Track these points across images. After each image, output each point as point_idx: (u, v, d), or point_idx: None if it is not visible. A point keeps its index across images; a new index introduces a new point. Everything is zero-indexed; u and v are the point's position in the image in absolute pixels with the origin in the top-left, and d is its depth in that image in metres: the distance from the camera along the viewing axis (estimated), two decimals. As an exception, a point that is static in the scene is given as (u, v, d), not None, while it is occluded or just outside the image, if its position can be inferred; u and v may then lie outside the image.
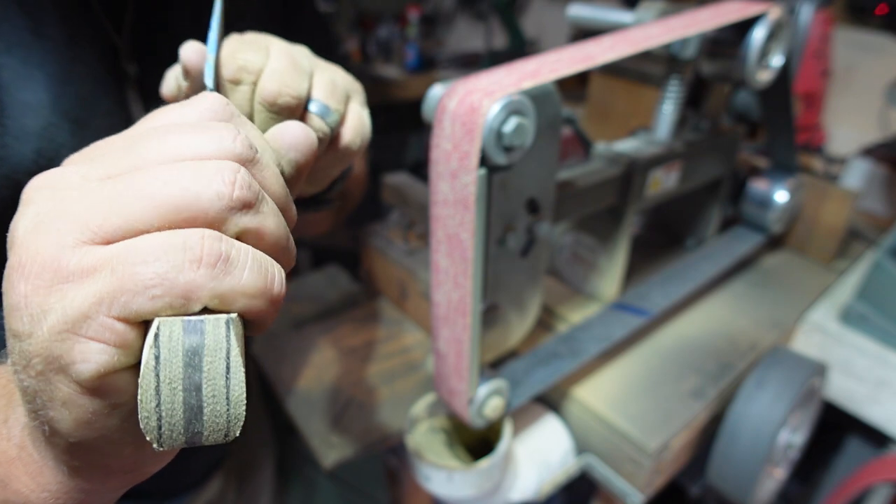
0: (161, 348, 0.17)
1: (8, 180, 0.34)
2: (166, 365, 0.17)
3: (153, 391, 0.17)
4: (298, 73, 0.31)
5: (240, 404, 0.18)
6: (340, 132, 0.34)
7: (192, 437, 0.18)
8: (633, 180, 0.55)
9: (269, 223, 0.20)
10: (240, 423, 0.18)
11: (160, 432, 0.17)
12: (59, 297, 0.17)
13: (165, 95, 0.34)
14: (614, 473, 0.53)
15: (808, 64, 1.01)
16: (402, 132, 2.08)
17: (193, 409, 0.17)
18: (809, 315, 0.68)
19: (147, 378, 0.17)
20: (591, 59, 0.39)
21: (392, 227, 0.78)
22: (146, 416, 0.17)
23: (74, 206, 0.18)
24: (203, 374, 0.17)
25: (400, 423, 0.59)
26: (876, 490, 0.70)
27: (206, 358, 0.17)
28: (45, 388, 0.18)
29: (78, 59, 0.37)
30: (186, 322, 0.17)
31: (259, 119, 0.32)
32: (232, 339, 0.18)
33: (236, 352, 0.18)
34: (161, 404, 0.17)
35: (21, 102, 0.34)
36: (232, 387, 0.18)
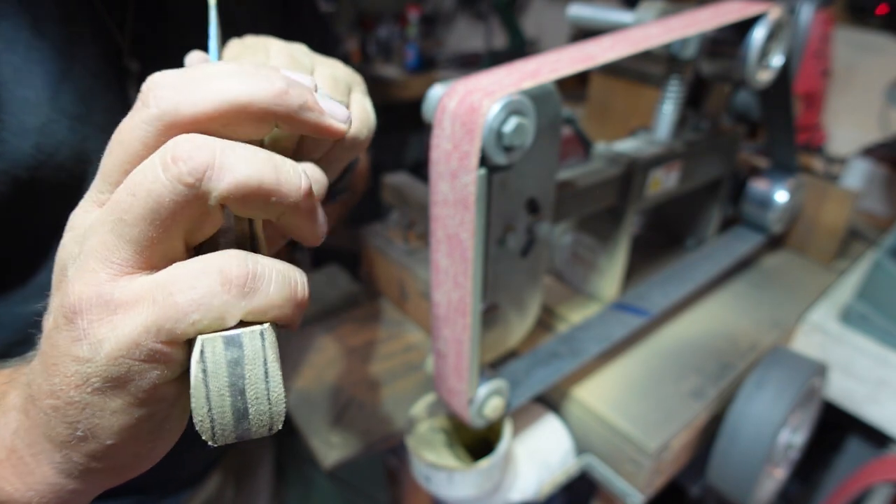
0: (207, 363, 0.19)
1: (7, 175, 0.34)
2: (213, 376, 0.19)
3: (204, 399, 0.19)
4: (301, 70, 0.32)
5: (280, 402, 0.20)
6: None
7: (241, 434, 0.20)
8: (633, 180, 0.55)
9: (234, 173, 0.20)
10: (282, 417, 0.21)
11: (213, 433, 0.20)
12: (110, 328, 0.19)
13: None
14: (614, 473, 0.53)
15: (809, 64, 1.01)
16: (402, 132, 2.08)
17: (240, 410, 0.20)
18: (809, 315, 0.68)
19: (198, 389, 0.19)
20: (591, 59, 0.39)
21: (392, 227, 0.78)
22: (200, 420, 0.20)
23: (89, 245, 0.20)
24: (245, 381, 0.20)
25: (400, 423, 0.59)
26: (876, 490, 0.70)
27: (246, 367, 0.20)
28: (100, 401, 0.20)
29: (78, 56, 0.37)
30: (226, 338, 0.20)
31: None
32: (267, 347, 0.20)
33: (272, 357, 0.20)
34: (212, 409, 0.20)
35: (21, 99, 0.34)
36: (272, 388, 0.20)
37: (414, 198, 0.72)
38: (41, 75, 0.35)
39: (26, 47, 0.35)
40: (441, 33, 2.50)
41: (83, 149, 0.37)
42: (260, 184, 0.20)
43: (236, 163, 0.19)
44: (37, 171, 0.35)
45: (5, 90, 0.34)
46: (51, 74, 0.36)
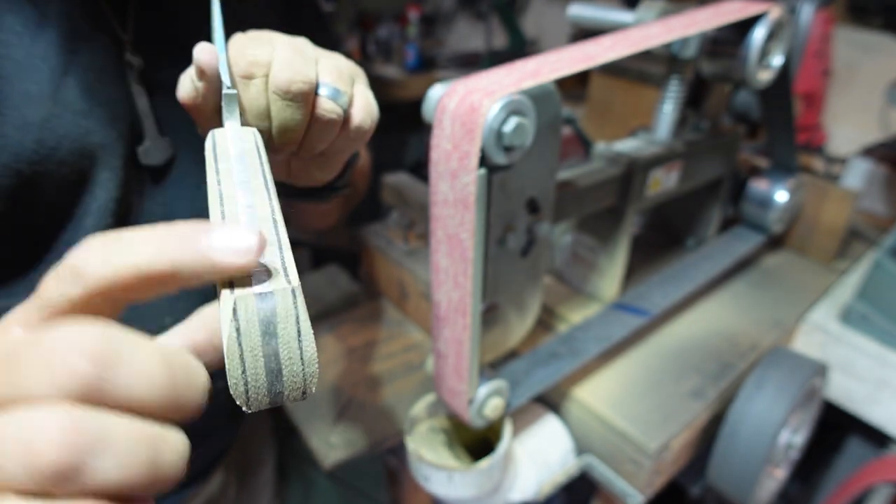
0: (240, 321, 0.19)
1: (9, 169, 0.34)
2: (246, 336, 0.19)
3: (238, 359, 0.19)
4: (305, 60, 0.33)
5: (313, 363, 0.20)
6: (351, 113, 0.35)
7: (275, 397, 0.20)
8: (633, 180, 0.55)
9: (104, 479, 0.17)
10: (315, 379, 0.20)
11: (248, 396, 0.19)
12: None
13: (183, 99, 0.35)
14: (614, 474, 0.53)
15: (809, 64, 1.01)
16: (402, 132, 2.08)
17: (274, 371, 0.19)
18: (810, 315, 0.68)
19: (231, 349, 0.19)
20: (591, 59, 0.39)
21: (392, 227, 0.78)
22: (234, 383, 0.19)
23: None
24: (279, 340, 0.19)
25: (400, 423, 0.59)
26: (876, 490, 0.70)
27: (279, 325, 0.19)
28: None
29: (81, 51, 0.37)
30: (259, 296, 0.19)
31: (276, 108, 0.33)
32: (300, 305, 0.19)
33: (305, 316, 0.20)
34: (246, 371, 0.19)
35: (23, 93, 0.34)
36: (305, 348, 0.20)
37: (414, 198, 0.72)
38: (44, 70, 0.35)
39: (29, 41, 0.35)
40: (441, 33, 2.50)
41: (85, 143, 0.37)
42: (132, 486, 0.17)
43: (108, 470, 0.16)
44: (38, 165, 0.35)
45: (7, 84, 0.34)
46: (53, 69, 0.36)
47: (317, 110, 0.34)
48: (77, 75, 0.37)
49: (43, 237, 0.38)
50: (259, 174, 0.26)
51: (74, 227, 0.39)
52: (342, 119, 0.35)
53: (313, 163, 0.39)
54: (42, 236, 0.38)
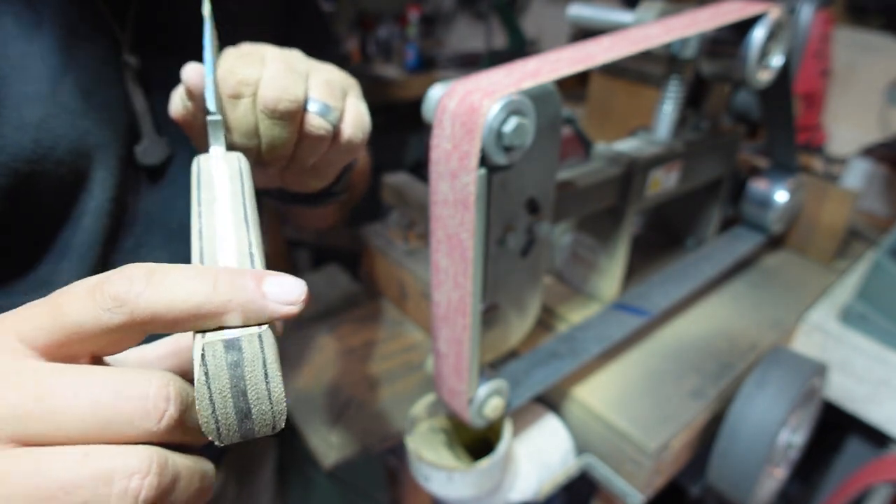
0: (208, 366, 0.20)
1: (7, 169, 0.34)
2: (214, 379, 0.20)
3: (208, 400, 0.20)
4: (295, 77, 0.32)
5: (281, 402, 0.21)
6: (341, 128, 0.35)
7: (246, 433, 0.21)
8: (633, 180, 0.55)
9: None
10: (283, 416, 0.21)
11: (219, 433, 0.20)
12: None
13: (175, 117, 0.35)
14: (614, 473, 0.53)
15: (808, 64, 1.01)
16: (402, 132, 2.08)
17: (243, 411, 0.20)
18: (809, 315, 0.68)
19: (201, 391, 0.20)
20: (591, 59, 0.39)
21: (392, 227, 0.78)
22: (206, 422, 0.20)
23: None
24: (246, 383, 0.20)
25: (400, 423, 0.59)
26: (876, 490, 0.70)
27: (246, 368, 0.20)
28: None
29: (78, 51, 0.37)
30: (226, 342, 0.20)
31: (264, 126, 0.33)
32: (266, 349, 0.20)
33: (272, 359, 0.20)
34: (216, 410, 0.20)
35: (20, 93, 0.34)
36: (272, 388, 0.20)
37: (414, 198, 0.72)
38: (41, 70, 0.35)
39: (27, 42, 0.35)
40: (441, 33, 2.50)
41: (82, 143, 0.38)
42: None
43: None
44: (36, 164, 0.35)
45: (4, 84, 0.34)
46: (51, 69, 0.36)
47: (305, 127, 0.34)
48: (74, 75, 0.37)
49: (41, 237, 0.38)
50: (240, 204, 0.26)
51: (72, 226, 0.39)
52: (332, 134, 0.35)
53: (307, 173, 0.39)
54: (40, 236, 0.38)
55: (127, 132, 0.41)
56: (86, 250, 0.39)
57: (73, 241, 0.39)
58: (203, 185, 0.27)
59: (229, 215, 0.25)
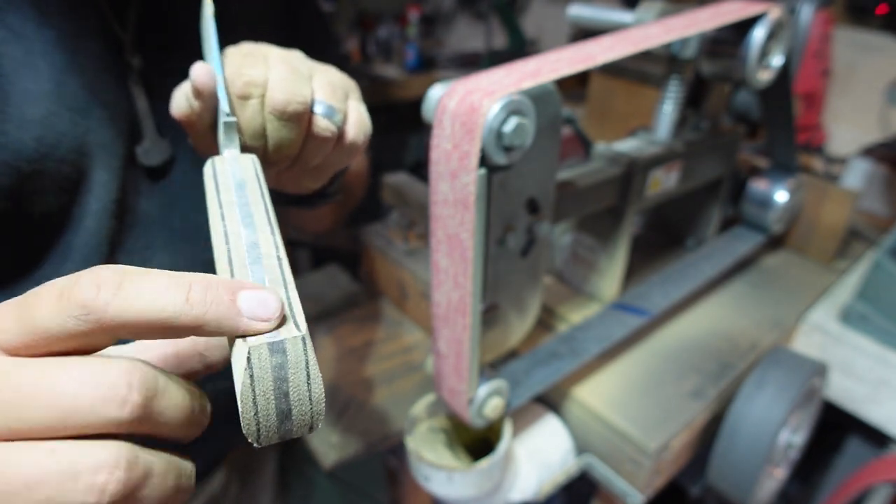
0: (254, 368, 0.20)
1: (8, 167, 0.34)
2: (259, 381, 0.20)
3: (251, 403, 0.20)
4: (300, 80, 0.33)
5: (320, 402, 0.21)
6: (345, 129, 0.36)
7: (284, 434, 0.21)
8: (633, 180, 0.55)
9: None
10: (322, 416, 0.22)
11: (259, 434, 0.21)
12: None
13: (177, 116, 0.35)
14: (614, 473, 0.53)
15: (808, 64, 1.01)
16: (402, 132, 2.08)
17: (284, 412, 0.21)
18: (809, 315, 0.68)
19: (245, 394, 0.20)
20: (591, 59, 0.39)
21: (392, 227, 0.78)
22: (247, 424, 0.20)
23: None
24: (289, 384, 0.20)
25: (400, 423, 0.59)
26: (876, 490, 0.70)
27: (290, 371, 0.20)
28: None
29: (81, 50, 0.37)
30: (271, 345, 0.20)
31: (272, 128, 0.33)
32: (308, 351, 0.21)
33: (313, 361, 0.21)
34: (258, 413, 0.20)
35: (23, 91, 0.34)
36: (313, 390, 0.21)
37: (414, 198, 0.72)
38: (44, 68, 0.35)
39: (30, 39, 0.35)
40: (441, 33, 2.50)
41: (84, 142, 0.38)
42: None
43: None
44: (38, 163, 0.35)
45: (8, 82, 0.34)
46: (54, 67, 0.36)
47: (312, 129, 0.34)
48: (77, 74, 0.37)
49: (44, 238, 0.38)
50: (261, 207, 0.26)
51: (75, 227, 0.39)
52: (336, 136, 0.35)
53: (305, 174, 0.39)
54: (43, 237, 0.38)
55: (128, 132, 0.41)
56: (89, 251, 0.39)
57: (76, 242, 0.39)
58: (222, 187, 0.27)
59: (254, 216, 0.25)
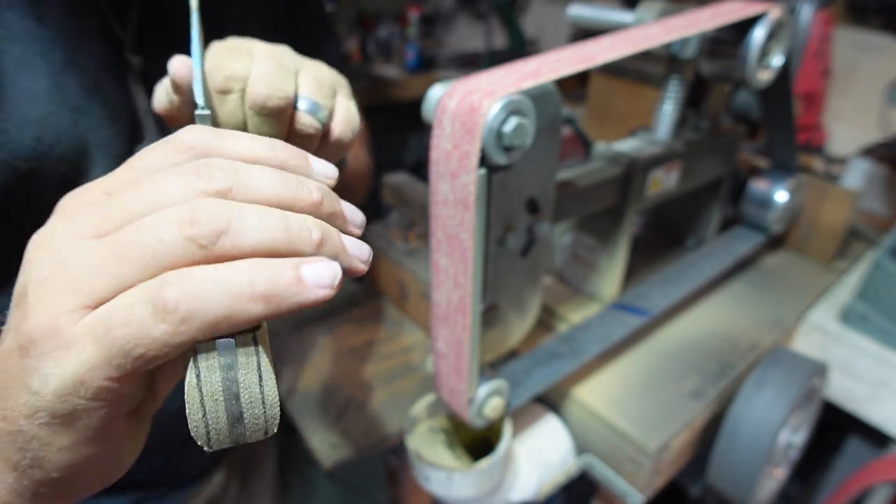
0: (200, 368, 0.19)
1: (7, 166, 0.34)
2: (206, 382, 0.19)
3: (199, 404, 0.19)
4: (284, 74, 0.32)
5: (274, 406, 0.20)
6: (331, 126, 0.35)
7: (237, 438, 0.20)
8: (633, 180, 0.55)
9: (246, 239, 0.20)
10: (276, 420, 0.20)
11: (209, 438, 0.20)
12: (55, 363, 0.19)
13: (158, 110, 0.35)
14: (614, 473, 0.53)
15: (808, 64, 1.01)
16: (402, 132, 2.08)
17: (235, 415, 0.20)
18: (809, 315, 0.68)
19: (191, 394, 0.19)
20: (591, 59, 0.39)
21: (392, 227, 0.78)
22: (195, 426, 0.19)
23: (69, 270, 0.19)
24: (239, 385, 0.20)
25: (400, 423, 0.59)
26: (876, 490, 0.70)
27: (240, 371, 0.19)
28: (47, 435, 0.20)
29: (80, 49, 0.37)
30: (220, 344, 0.19)
31: (252, 123, 0.33)
32: (260, 351, 0.20)
33: (265, 361, 0.20)
34: (206, 414, 0.19)
35: (22, 90, 0.34)
36: (266, 391, 0.20)
37: (414, 198, 0.72)
38: (43, 67, 0.35)
39: (29, 38, 0.35)
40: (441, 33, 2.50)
41: (84, 141, 0.37)
42: (272, 248, 0.20)
43: (249, 229, 0.19)
44: (37, 162, 0.35)
45: (7, 80, 0.34)
46: (53, 66, 0.36)
47: (295, 125, 0.33)
48: (76, 73, 0.37)
49: None
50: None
51: None
52: (321, 133, 0.34)
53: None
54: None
55: (129, 131, 0.41)
56: None
57: None
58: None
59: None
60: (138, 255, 0.19)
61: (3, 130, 0.34)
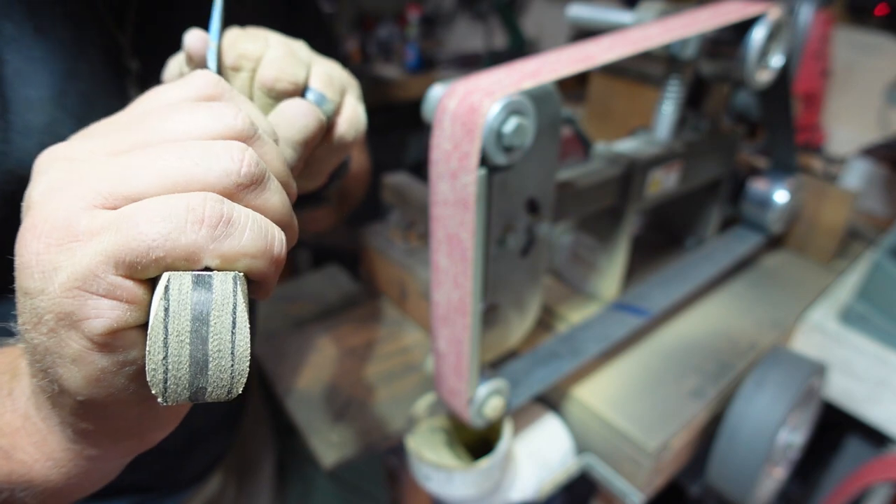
0: (171, 301, 0.17)
1: (12, 175, 0.34)
2: (175, 317, 0.17)
3: (161, 343, 0.17)
4: (296, 62, 0.33)
5: (244, 360, 0.18)
6: (336, 123, 0.35)
7: (196, 393, 0.18)
8: (633, 180, 0.55)
9: (273, 200, 0.21)
10: (243, 379, 0.19)
11: (166, 385, 0.18)
12: (68, 255, 0.18)
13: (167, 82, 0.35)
14: (614, 473, 0.53)
15: (808, 64, 1.01)
16: (402, 132, 2.08)
17: (199, 362, 0.18)
18: (809, 315, 0.68)
19: (156, 329, 0.17)
20: (591, 59, 0.39)
21: (392, 227, 0.78)
22: (153, 369, 0.17)
23: (87, 174, 0.19)
24: (210, 328, 0.18)
25: (400, 423, 0.59)
26: (876, 490, 0.70)
27: (213, 312, 0.18)
28: (56, 344, 0.19)
29: (81, 56, 0.37)
30: (196, 276, 0.18)
31: (259, 105, 0.33)
32: (239, 294, 0.18)
33: (242, 307, 0.18)
34: (168, 357, 0.17)
35: (24, 98, 0.35)
36: (237, 342, 0.18)
37: (414, 198, 0.72)
38: (45, 75, 0.35)
39: (29, 47, 0.35)
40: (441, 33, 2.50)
41: None
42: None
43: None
44: None
45: (9, 90, 0.34)
46: (55, 74, 0.36)
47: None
48: (78, 80, 0.37)
49: None
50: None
51: None
52: (325, 127, 0.34)
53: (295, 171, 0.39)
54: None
55: None
56: None
57: None
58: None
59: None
60: (171, 174, 0.19)
61: (6, 140, 0.34)
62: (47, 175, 0.20)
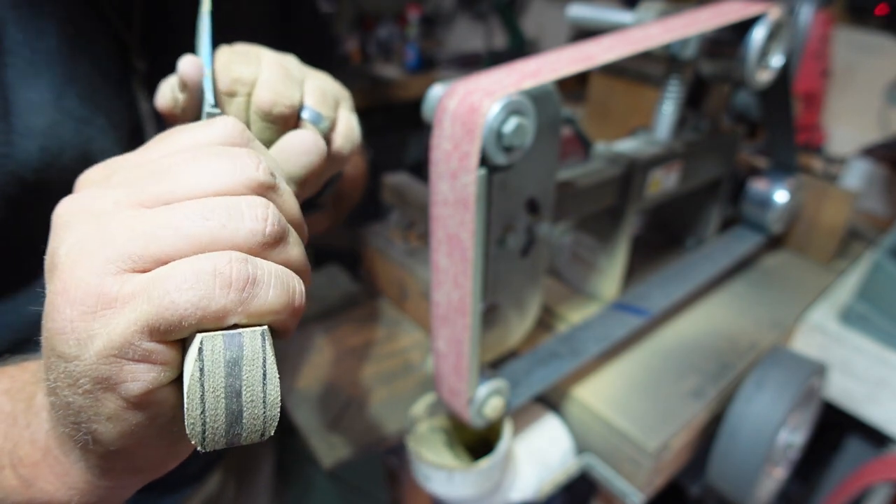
0: (205, 361, 0.19)
1: (13, 177, 0.34)
2: (210, 376, 0.19)
3: (199, 400, 0.19)
4: (290, 83, 0.32)
5: (275, 406, 0.20)
6: (332, 138, 0.35)
7: (232, 439, 0.19)
8: (633, 180, 0.55)
9: (293, 253, 0.22)
10: (275, 423, 0.20)
11: (204, 436, 0.19)
12: (102, 323, 0.19)
13: (161, 108, 0.35)
14: (614, 473, 0.53)
15: (808, 64, 1.01)
16: (402, 132, 2.08)
17: (234, 413, 0.19)
18: (809, 315, 0.68)
19: (193, 388, 0.18)
20: (591, 59, 0.39)
21: (392, 227, 0.78)
22: (192, 423, 0.19)
23: (114, 234, 0.19)
24: (242, 382, 0.19)
25: (400, 423, 0.59)
26: (876, 490, 0.70)
27: (245, 367, 0.19)
28: (91, 404, 0.20)
29: (83, 57, 0.37)
30: (227, 336, 0.19)
31: (256, 129, 0.33)
32: (267, 348, 0.19)
33: (271, 359, 0.19)
34: (206, 411, 0.19)
35: (26, 101, 0.35)
36: (268, 391, 0.19)
37: (414, 198, 0.72)
38: (46, 77, 0.35)
39: (31, 49, 0.35)
40: (441, 33, 2.50)
41: (88, 150, 0.37)
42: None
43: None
44: (43, 172, 0.35)
45: (11, 92, 0.34)
46: (56, 76, 0.36)
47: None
48: (80, 82, 0.37)
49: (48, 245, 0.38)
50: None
51: None
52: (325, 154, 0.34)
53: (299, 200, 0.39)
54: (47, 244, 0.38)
55: (132, 137, 0.41)
56: None
57: None
58: None
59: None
60: (200, 237, 0.19)
61: (8, 142, 0.34)
62: (72, 232, 0.20)
